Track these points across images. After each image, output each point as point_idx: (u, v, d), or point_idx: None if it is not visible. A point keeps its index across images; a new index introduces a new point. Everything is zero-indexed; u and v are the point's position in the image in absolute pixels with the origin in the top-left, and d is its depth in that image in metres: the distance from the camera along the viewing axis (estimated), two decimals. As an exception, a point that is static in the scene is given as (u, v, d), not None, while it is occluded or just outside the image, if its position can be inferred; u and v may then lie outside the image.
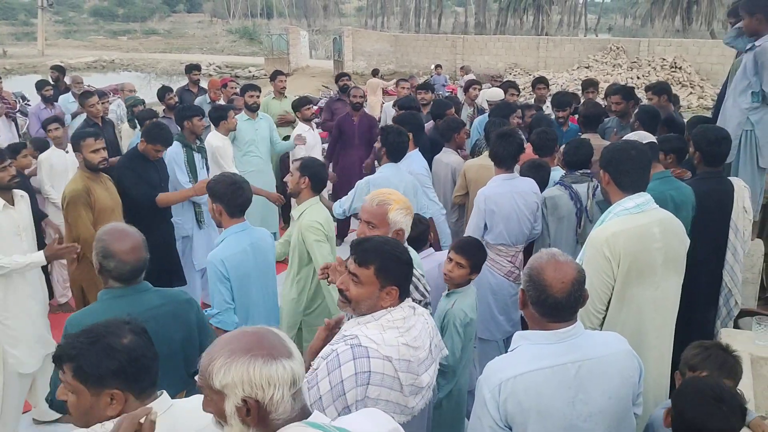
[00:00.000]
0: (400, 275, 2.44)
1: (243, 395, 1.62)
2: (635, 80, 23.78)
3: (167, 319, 2.88)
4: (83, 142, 4.71)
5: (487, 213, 4.48)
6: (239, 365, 1.62)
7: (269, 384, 1.62)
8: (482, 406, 2.26)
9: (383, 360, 2.33)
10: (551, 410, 2.24)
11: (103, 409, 1.87)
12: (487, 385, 2.27)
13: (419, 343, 2.46)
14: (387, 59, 31.14)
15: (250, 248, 3.65)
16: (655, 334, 3.17)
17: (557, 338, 2.30)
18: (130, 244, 2.80)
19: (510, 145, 4.52)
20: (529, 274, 2.33)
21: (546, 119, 6.49)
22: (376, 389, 2.32)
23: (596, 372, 2.30)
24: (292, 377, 1.65)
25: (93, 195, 4.68)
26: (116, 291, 2.82)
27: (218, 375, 1.64)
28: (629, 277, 3.07)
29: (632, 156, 3.19)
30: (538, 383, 2.23)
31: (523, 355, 2.30)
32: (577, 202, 4.59)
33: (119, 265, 2.77)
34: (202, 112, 6.20)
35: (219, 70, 35.83)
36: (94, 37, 61.71)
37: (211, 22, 74.69)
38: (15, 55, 43.00)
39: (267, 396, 1.63)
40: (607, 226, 3.14)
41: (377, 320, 2.40)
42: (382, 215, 3.13)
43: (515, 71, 27.78)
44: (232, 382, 1.62)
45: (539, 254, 2.39)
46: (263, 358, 1.63)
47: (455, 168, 5.70)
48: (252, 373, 1.62)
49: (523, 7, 51.63)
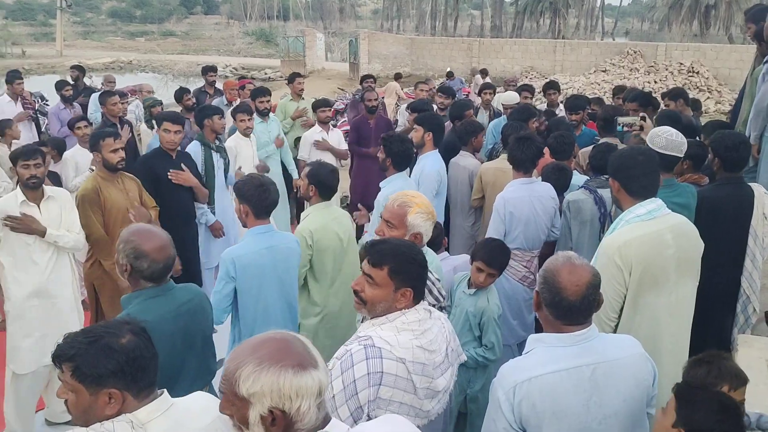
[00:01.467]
0: (414, 276, 2.44)
1: (270, 405, 1.60)
2: (652, 84, 23.64)
3: (197, 313, 2.99)
4: (103, 142, 4.70)
5: (506, 217, 4.48)
6: (269, 375, 1.60)
7: (297, 395, 1.61)
8: (497, 408, 2.26)
9: (396, 361, 2.33)
10: (566, 413, 2.23)
11: (101, 408, 1.87)
12: (501, 386, 2.27)
13: (435, 346, 2.46)
14: (402, 62, 31.15)
15: (267, 251, 3.66)
16: (670, 339, 3.15)
17: (572, 341, 2.30)
18: (159, 243, 2.83)
19: (528, 149, 4.51)
20: (544, 276, 2.33)
21: (564, 123, 6.47)
22: (389, 390, 2.32)
23: (611, 374, 2.29)
24: (318, 388, 1.64)
25: (103, 195, 4.68)
26: (149, 291, 2.84)
27: (246, 382, 1.61)
28: (642, 285, 3.04)
29: (640, 161, 3.15)
30: (552, 386, 2.23)
31: (537, 358, 2.30)
32: (602, 206, 4.54)
33: (152, 265, 2.79)
34: (221, 112, 6.29)
35: (235, 71, 35.97)
36: (111, 38, 62.20)
37: (228, 24, 75.07)
38: (34, 55, 43.45)
39: (294, 407, 1.61)
40: (618, 234, 3.11)
41: (392, 322, 2.40)
42: (401, 217, 3.14)
43: (531, 75, 27.68)
44: (261, 391, 1.60)
45: (555, 257, 2.39)
46: (293, 369, 1.62)
47: (472, 171, 5.68)
48: (282, 383, 1.60)
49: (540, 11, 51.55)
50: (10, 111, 8.78)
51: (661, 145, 3.74)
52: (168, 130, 5.36)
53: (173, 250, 2.90)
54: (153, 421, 1.91)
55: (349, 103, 8.79)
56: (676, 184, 4.01)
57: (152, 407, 1.93)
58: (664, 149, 3.74)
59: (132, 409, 1.90)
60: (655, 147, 3.72)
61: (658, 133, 3.80)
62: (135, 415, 1.89)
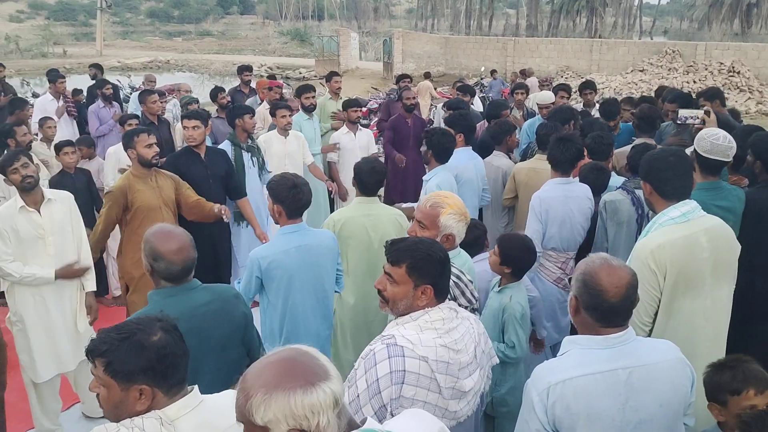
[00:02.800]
0: (433, 273, 2.43)
1: (288, 428, 1.58)
2: (691, 85, 23.24)
3: (216, 315, 2.94)
4: (137, 138, 4.70)
5: (542, 215, 4.44)
6: (279, 400, 1.57)
7: (313, 413, 1.57)
8: (530, 410, 2.25)
9: (419, 360, 2.33)
10: (600, 416, 2.21)
11: (132, 403, 1.89)
12: (535, 388, 2.26)
13: (461, 346, 2.44)
14: (436, 61, 31.09)
15: (295, 250, 3.65)
16: (707, 344, 3.09)
17: (607, 343, 2.27)
18: (177, 245, 2.81)
19: (569, 150, 4.47)
20: (583, 279, 2.30)
21: (598, 124, 6.38)
22: (412, 389, 2.33)
23: (647, 379, 2.26)
24: (333, 399, 1.60)
25: (132, 194, 4.69)
26: (167, 290, 2.85)
27: (258, 412, 1.58)
28: (677, 289, 2.99)
29: (672, 163, 3.09)
30: (587, 388, 2.21)
31: (572, 360, 2.28)
32: (639, 207, 4.46)
33: (169, 266, 2.80)
34: (252, 111, 6.36)
35: (270, 71, 36.27)
36: (150, 37, 63.23)
37: (263, 24, 75.73)
38: (74, 54, 44.39)
39: (313, 424, 1.57)
40: (652, 238, 3.06)
41: (415, 321, 2.41)
42: (434, 217, 3.14)
43: (567, 74, 27.42)
44: (275, 418, 1.57)
45: (590, 259, 2.36)
46: (302, 388, 1.57)
47: (505, 171, 5.66)
48: (293, 405, 1.56)
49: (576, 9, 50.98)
50: (52, 109, 8.99)
51: (706, 149, 3.65)
52: (186, 126, 5.43)
53: (193, 252, 2.88)
54: (182, 418, 1.92)
55: (382, 104, 8.77)
56: (722, 186, 3.89)
57: (181, 404, 1.95)
58: (709, 153, 3.65)
59: (162, 406, 1.92)
60: (700, 150, 3.64)
61: (703, 137, 3.70)
62: (164, 412, 1.91)
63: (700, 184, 3.65)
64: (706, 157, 3.65)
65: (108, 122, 8.85)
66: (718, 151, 3.65)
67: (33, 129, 7.65)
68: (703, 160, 3.66)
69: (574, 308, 2.34)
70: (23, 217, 4.18)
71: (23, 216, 4.18)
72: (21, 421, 4.52)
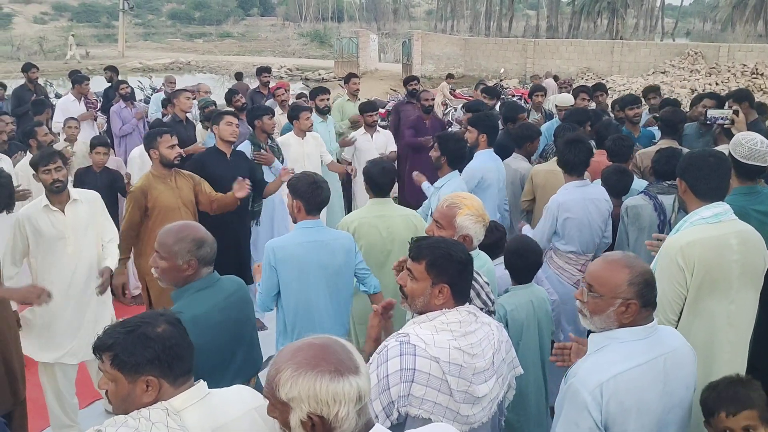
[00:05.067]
0: (451, 273, 2.43)
1: (308, 410, 1.62)
2: (714, 87, 22.97)
3: (244, 303, 3.05)
4: (160, 138, 4.75)
5: (559, 220, 4.42)
6: (306, 380, 1.62)
7: (335, 401, 1.61)
8: (581, 410, 2.24)
9: (430, 360, 2.33)
10: (649, 406, 2.26)
11: (140, 396, 1.92)
12: (585, 387, 2.24)
13: (477, 350, 2.43)
14: (456, 63, 31.03)
15: (310, 244, 3.66)
16: (728, 348, 3.07)
17: (646, 333, 2.33)
18: (203, 229, 2.95)
19: (581, 151, 4.44)
20: (645, 280, 2.31)
21: (614, 126, 6.34)
22: (421, 388, 2.32)
23: (676, 364, 2.34)
24: (357, 394, 1.64)
25: (151, 195, 4.73)
26: (197, 284, 2.88)
27: (284, 387, 1.64)
28: (702, 289, 2.98)
29: (710, 163, 3.10)
30: (636, 380, 2.25)
31: (615, 355, 2.30)
32: (661, 213, 4.43)
33: (213, 245, 2.91)
34: (272, 112, 6.40)
35: (290, 72, 36.42)
36: (171, 39, 63.73)
37: (283, 26, 76.03)
38: (97, 56, 44.82)
39: (332, 412, 1.62)
40: (682, 235, 3.06)
41: (431, 321, 2.41)
42: (450, 218, 3.14)
43: (587, 76, 27.23)
44: (298, 396, 1.62)
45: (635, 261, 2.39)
46: (330, 374, 1.62)
47: (523, 174, 5.63)
48: (318, 389, 1.61)
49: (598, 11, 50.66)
50: (74, 110, 9.08)
51: (743, 155, 3.58)
52: (230, 123, 5.51)
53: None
54: (188, 409, 1.95)
55: (392, 109, 8.74)
56: (760, 191, 3.80)
57: (187, 395, 1.97)
58: (747, 159, 3.58)
59: (168, 397, 1.95)
60: (737, 156, 3.58)
61: (741, 142, 3.63)
62: (170, 403, 1.93)
63: (738, 188, 3.60)
64: (743, 163, 3.58)
65: (130, 122, 8.95)
66: (756, 156, 3.57)
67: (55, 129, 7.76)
68: (741, 165, 3.59)
69: (634, 312, 2.31)
70: (46, 216, 4.23)
71: (46, 215, 4.23)
72: (42, 417, 4.57)
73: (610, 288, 2.31)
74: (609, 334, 2.36)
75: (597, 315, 2.36)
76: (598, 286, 2.35)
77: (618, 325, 2.34)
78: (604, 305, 2.33)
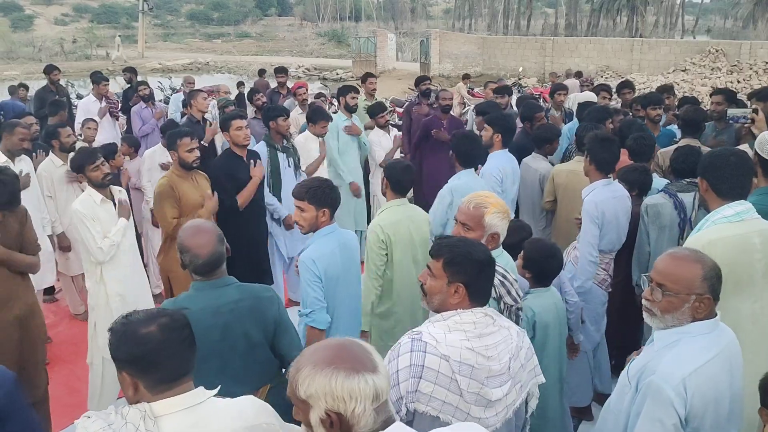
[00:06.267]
0: (469, 272, 2.41)
1: (326, 407, 1.66)
2: (735, 84, 22.74)
3: (244, 313, 2.97)
4: (180, 141, 4.88)
5: (599, 219, 4.34)
6: (322, 377, 1.66)
7: (351, 398, 1.65)
8: (666, 407, 2.25)
9: (440, 358, 2.32)
10: (722, 397, 2.31)
11: (125, 388, 1.97)
12: (668, 383, 2.26)
13: (492, 353, 2.40)
14: (474, 62, 30.95)
15: (338, 250, 3.68)
16: (751, 348, 3.01)
17: (715, 326, 2.37)
18: (203, 239, 2.90)
19: (616, 148, 4.42)
20: (716, 274, 2.36)
21: (637, 124, 6.28)
22: (430, 385, 2.32)
23: (736, 354, 2.40)
24: (374, 392, 1.67)
25: (178, 190, 4.88)
26: (197, 284, 2.96)
27: (303, 385, 1.68)
28: (725, 288, 2.91)
29: (732, 162, 3.09)
30: (714, 373, 2.29)
31: (692, 348, 2.32)
32: (681, 211, 4.39)
33: (194, 259, 2.90)
34: (286, 113, 6.41)
35: (308, 72, 36.53)
36: (190, 39, 64.14)
37: (301, 26, 76.24)
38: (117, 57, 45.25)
39: (349, 409, 1.65)
40: (703, 234, 3.05)
41: (445, 320, 2.41)
42: (479, 218, 3.14)
43: (607, 74, 27.05)
44: (316, 393, 1.66)
45: (698, 255, 2.41)
46: (345, 372, 1.66)
47: (543, 174, 5.57)
48: (334, 386, 1.65)
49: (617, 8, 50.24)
50: (94, 110, 9.18)
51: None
52: (240, 127, 5.50)
53: (218, 247, 2.94)
54: (168, 416, 1.93)
55: (404, 110, 8.69)
56: None
57: (172, 402, 1.95)
58: None
59: (150, 400, 1.95)
60: (764, 154, 3.53)
61: (767, 140, 3.59)
62: (151, 407, 1.93)
63: (763, 188, 3.55)
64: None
65: (150, 122, 9.02)
66: None
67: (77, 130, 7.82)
68: (766, 163, 3.56)
69: (708, 307, 2.35)
70: (103, 209, 4.61)
71: (103, 208, 4.62)
72: (65, 415, 4.62)
73: (684, 285, 2.33)
74: (680, 329, 2.37)
75: (670, 313, 2.37)
76: (672, 284, 2.35)
77: (691, 321, 2.36)
78: (679, 303, 2.34)
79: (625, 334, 4.73)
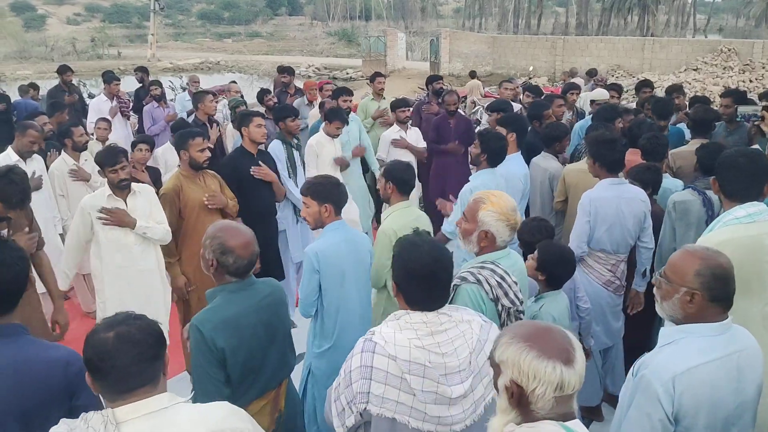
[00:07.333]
0: (398, 275, 2.50)
1: (512, 377, 1.78)
2: (747, 84, 22.54)
3: (278, 305, 3.09)
4: (192, 141, 4.84)
5: (592, 215, 4.36)
6: (515, 348, 1.79)
7: (535, 377, 1.74)
8: (653, 402, 2.27)
9: (387, 358, 2.33)
10: (721, 402, 2.28)
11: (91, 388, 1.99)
12: (658, 379, 2.27)
13: (447, 349, 2.38)
14: (484, 61, 30.86)
15: (344, 243, 3.72)
16: (764, 351, 2.99)
17: (723, 329, 2.34)
18: (244, 240, 2.92)
19: (614, 149, 4.39)
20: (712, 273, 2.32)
21: (647, 124, 6.24)
22: (380, 386, 2.33)
23: (749, 362, 2.36)
24: (559, 381, 1.74)
25: (183, 194, 4.85)
26: (231, 286, 2.94)
27: (499, 349, 1.83)
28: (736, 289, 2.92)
29: (740, 163, 3.07)
30: (711, 376, 2.27)
31: (690, 348, 2.31)
32: (710, 208, 4.34)
33: (237, 260, 2.88)
34: (295, 113, 6.46)
35: (318, 71, 36.55)
36: (201, 39, 64.38)
37: (311, 25, 76.35)
38: (128, 56, 45.49)
39: (531, 387, 1.75)
40: (714, 235, 3.03)
41: (397, 320, 2.45)
42: (474, 211, 3.15)
43: (618, 73, 26.90)
44: (506, 361, 1.80)
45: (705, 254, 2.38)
46: (537, 352, 1.76)
47: (553, 174, 5.54)
48: (522, 360, 1.76)
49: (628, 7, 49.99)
50: (106, 109, 9.23)
51: None
52: (260, 124, 5.59)
53: (257, 247, 2.98)
54: (129, 422, 1.90)
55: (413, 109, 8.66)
56: None
57: (133, 407, 1.92)
58: None
59: (107, 404, 1.96)
60: None
61: None
62: (114, 412, 1.91)
63: None
64: None
65: (159, 122, 9.05)
66: None
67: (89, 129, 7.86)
68: None
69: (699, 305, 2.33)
70: (110, 205, 4.53)
71: (110, 204, 4.53)
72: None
73: (678, 275, 2.36)
74: (683, 328, 2.37)
75: (665, 301, 2.40)
76: (670, 272, 2.40)
77: (683, 315, 2.36)
78: (671, 291, 2.37)
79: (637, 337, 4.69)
